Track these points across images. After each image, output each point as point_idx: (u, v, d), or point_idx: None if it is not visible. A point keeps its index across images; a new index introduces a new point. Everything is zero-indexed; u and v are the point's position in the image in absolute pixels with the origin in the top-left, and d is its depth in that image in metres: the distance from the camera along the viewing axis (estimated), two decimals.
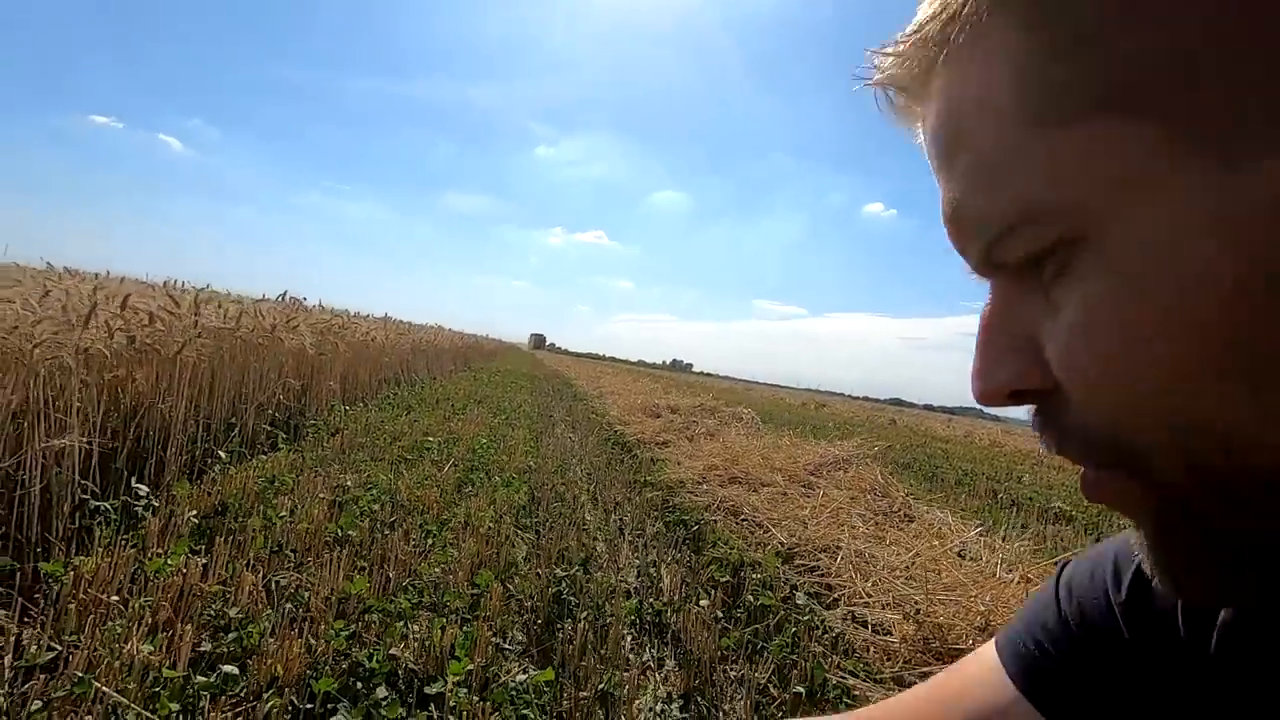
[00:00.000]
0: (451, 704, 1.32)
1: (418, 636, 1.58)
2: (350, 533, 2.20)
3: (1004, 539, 3.01)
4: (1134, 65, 0.20)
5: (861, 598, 2.23)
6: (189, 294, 3.57)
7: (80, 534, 1.97)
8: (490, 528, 2.51)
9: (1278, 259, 0.19)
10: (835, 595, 2.34)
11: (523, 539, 2.57)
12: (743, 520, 3.27)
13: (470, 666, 1.47)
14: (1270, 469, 0.20)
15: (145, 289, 4.04)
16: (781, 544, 2.85)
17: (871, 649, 1.95)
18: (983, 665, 0.38)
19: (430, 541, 2.29)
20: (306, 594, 1.70)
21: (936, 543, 2.76)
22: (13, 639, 1.37)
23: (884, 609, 2.15)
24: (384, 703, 1.29)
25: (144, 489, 2.25)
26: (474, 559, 2.17)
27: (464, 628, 1.65)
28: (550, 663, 1.65)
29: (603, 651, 1.74)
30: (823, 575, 2.50)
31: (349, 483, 2.80)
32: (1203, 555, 0.23)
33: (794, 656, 1.89)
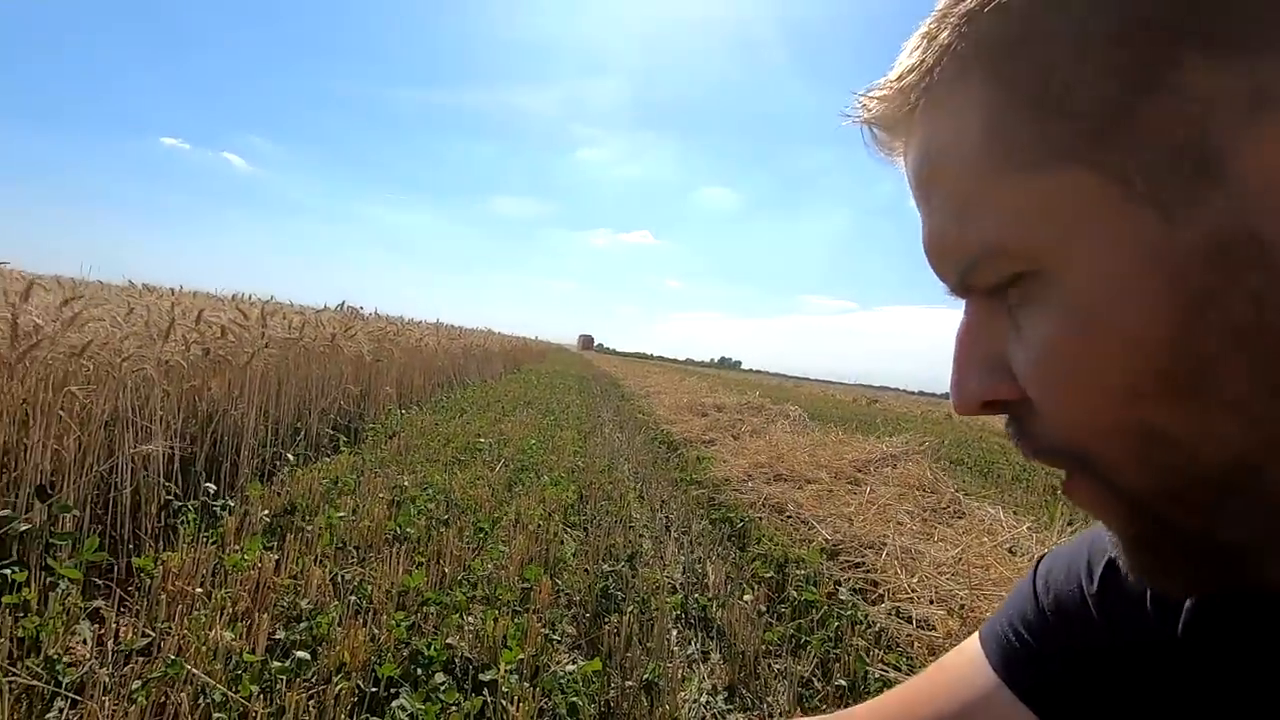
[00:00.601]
0: (505, 690, 1.40)
1: (472, 627, 1.67)
2: (408, 530, 2.32)
3: (1059, 536, 2.94)
4: (1083, 121, 0.23)
5: (906, 593, 2.23)
6: (255, 306, 3.79)
7: (166, 531, 2.14)
8: (540, 525, 2.59)
9: (1211, 292, 0.21)
10: (880, 591, 2.34)
11: (571, 536, 2.65)
12: (787, 517, 3.29)
13: (521, 656, 1.55)
14: (1221, 474, 0.22)
15: (215, 302, 4.29)
16: (826, 540, 2.86)
17: (915, 644, 1.96)
18: (968, 657, 0.40)
19: (483, 538, 2.39)
20: (369, 587, 1.82)
21: (986, 539, 2.72)
22: (113, 626, 1.52)
23: (929, 604, 2.15)
24: (442, 688, 1.38)
25: (213, 488, 2.42)
26: (524, 555, 2.26)
27: (515, 620, 1.73)
28: (598, 653, 1.72)
29: (648, 644, 1.80)
30: (867, 571, 2.50)
31: (406, 483, 2.94)
32: (1170, 553, 0.25)
33: (837, 651, 1.91)
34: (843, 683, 1.74)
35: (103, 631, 1.50)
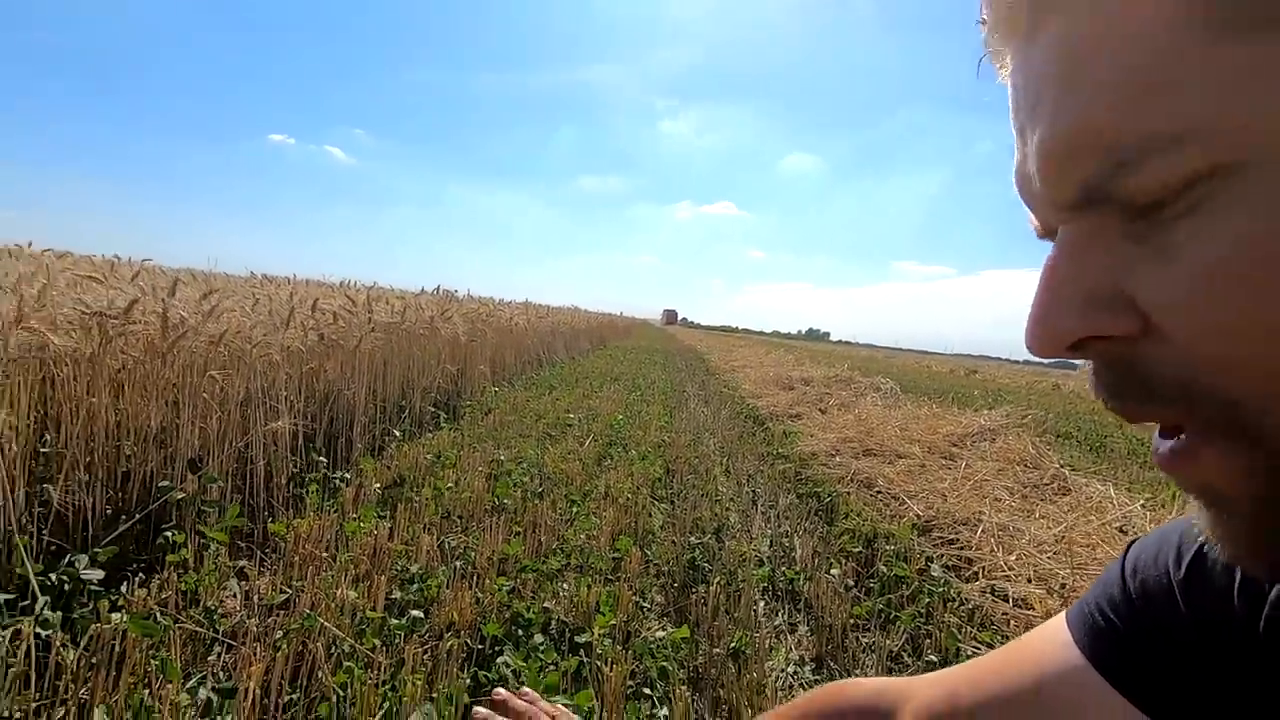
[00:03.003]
0: (599, 652, 1.49)
1: (567, 593, 1.78)
2: (506, 501, 2.46)
3: (1177, 515, 2.75)
4: None
5: (1002, 571, 2.16)
6: (361, 292, 4.05)
7: (294, 500, 2.37)
8: (628, 498, 2.68)
9: None
10: (974, 569, 2.28)
11: (659, 509, 2.73)
12: (877, 493, 3.24)
13: (614, 621, 1.64)
14: None
15: (325, 290, 4.62)
16: (918, 516, 2.80)
17: (1011, 623, 1.91)
18: (1053, 635, 0.41)
19: (574, 510, 2.50)
20: (472, 554, 1.95)
21: (1094, 517, 2.59)
22: (256, 583, 1.71)
23: (1028, 583, 2.08)
24: (541, 647, 1.48)
25: (324, 461, 2.64)
26: (614, 526, 2.35)
27: (607, 587, 1.82)
28: (686, 621, 1.78)
29: (735, 614, 1.85)
30: (961, 548, 2.44)
31: (502, 457, 3.10)
32: None
33: (928, 627, 1.89)
34: (933, 658, 1.73)
35: (248, 588, 1.70)
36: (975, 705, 0.43)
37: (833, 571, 2.23)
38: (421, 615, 1.56)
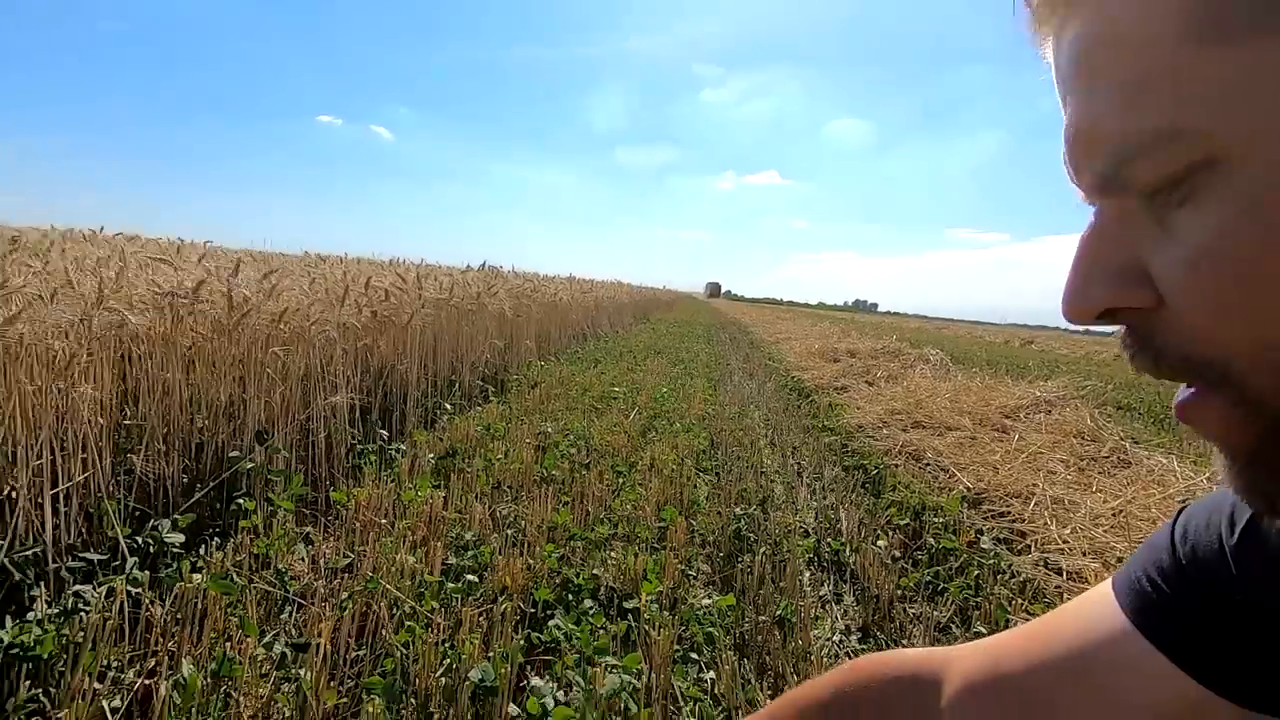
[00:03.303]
0: (646, 618, 1.53)
1: (615, 561, 1.82)
2: (554, 472, 2.52)
3: None
4: None
5: (1056, 545, 2.12)
6: (411, 270, 4.15)
7: (354, 470, 2.47)
8: (674, 470, 2.71)
9: None
10: (1026, 542, 2.24)
11: (704, 480, 2.75)
12: (925, 465, 3.19)
13: (660, 588, 1.68)
14: None
15: (376, 268, 4.74)
16: (968, 489, 2.76)
17: (1064, 595, 1.87)
18: (1099, 601, 0.40)
19: (621, 481, 2.55)
20: (523, 522, 2.01)
21: (1155, 490, 2.51)
22: (321, 548, 1.81)
23: (1083, 557, 2.04)
24: (590, 612, 1.53)
25: (385, 434, 2.74)
26: (660, 497, 2.39)
27: (654, 556, 1.86)
28: (731, 590, 1.81)
29: (781, 584, 1.87)
30: (1013, 521, 2.40)
31: (549, 429, 3.16)
32: None
33: (977, 599, 1.88)
34: (982, 630, 1.72)
35: (314, 552, 1.79)
36: (1018, 673, 0.43)
37: (879, 543, 2.22)
38: (476, 580, 1.62)
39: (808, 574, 2.06)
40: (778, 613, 1.67)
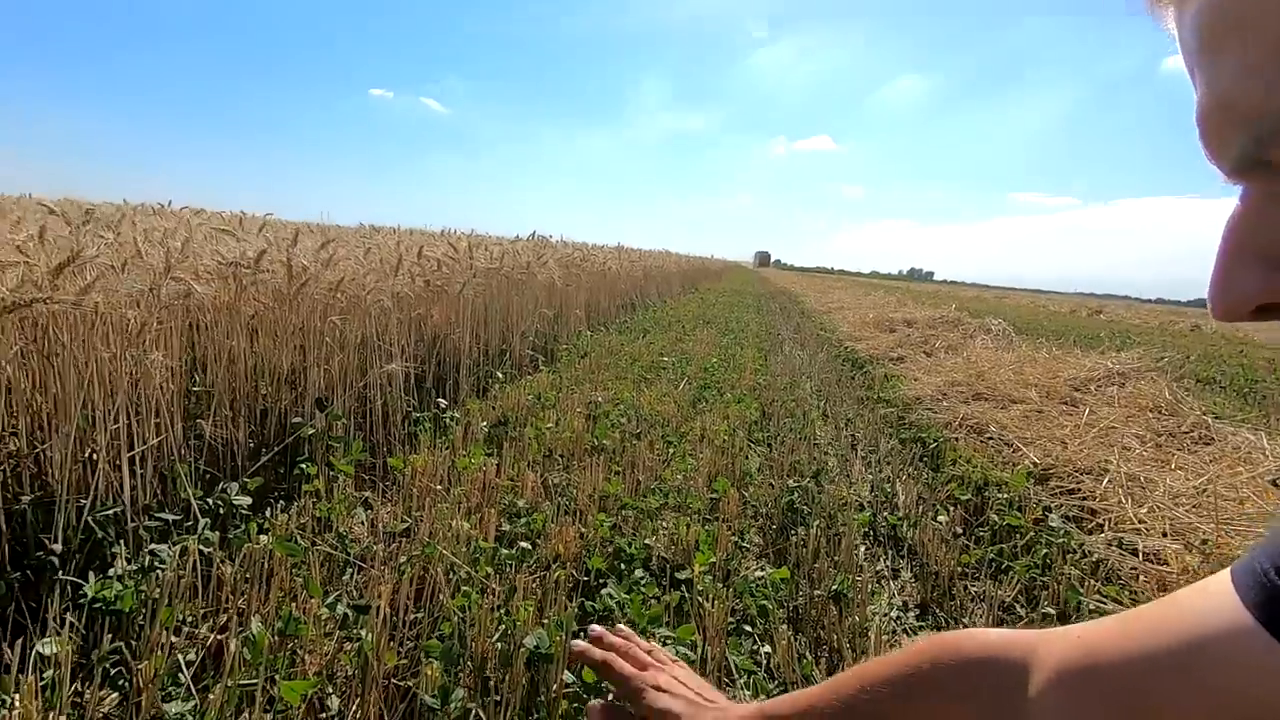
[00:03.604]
0: (699, 588, 1.52)
1: (666, 531, 1.81)
2: (604, 442, 2.52)
3: None
4: None
5: (1131, 524, 2.01)
6: (462, 240, 4.18)
7: (410, 438, 2.53)
8: (725, 440, 2.68)
9: None
10: (1098, 520, 2.14)
11: (756, 451, 2.71)
12: (988, 439, 3.07)
13: (713, 559, 1.66)
14: None
15: (428, 238, 4.79)
16: (1034, 464, 2.64)
17: (1141, 577, 1.78)
18: (1215, 593, 0.37)
19: (671, 451, 2.53)
20: (574, 491, 2.02)
21: (1242, 469, 2.35)
22: (380, 513, 1.85)
23: (1162, 537, 1.93)
24: (642, 581, 1.52)
25: (443, 402, 2.79)
26: (711, 468, 2.36)
27: (706, 527, 1.84)
28: (785, 563, 1.78)
29: (836, 558, 1.83)
30: (1084, 499, 2.29)
31: (599, 399, 3.16)
32: None
33: (1044, 578, 1.80)
34: (1050, 610, 1.65)
35: (373, 516, 1.84)
36: (1117, 664, 0.40)
37: (939, 518, 2.15)
38: (529, 547, 1.64)
39: (863, 548, 2.01)
40: (833, 587, 1.63)
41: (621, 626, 0.83)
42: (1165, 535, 1.92)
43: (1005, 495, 2.33)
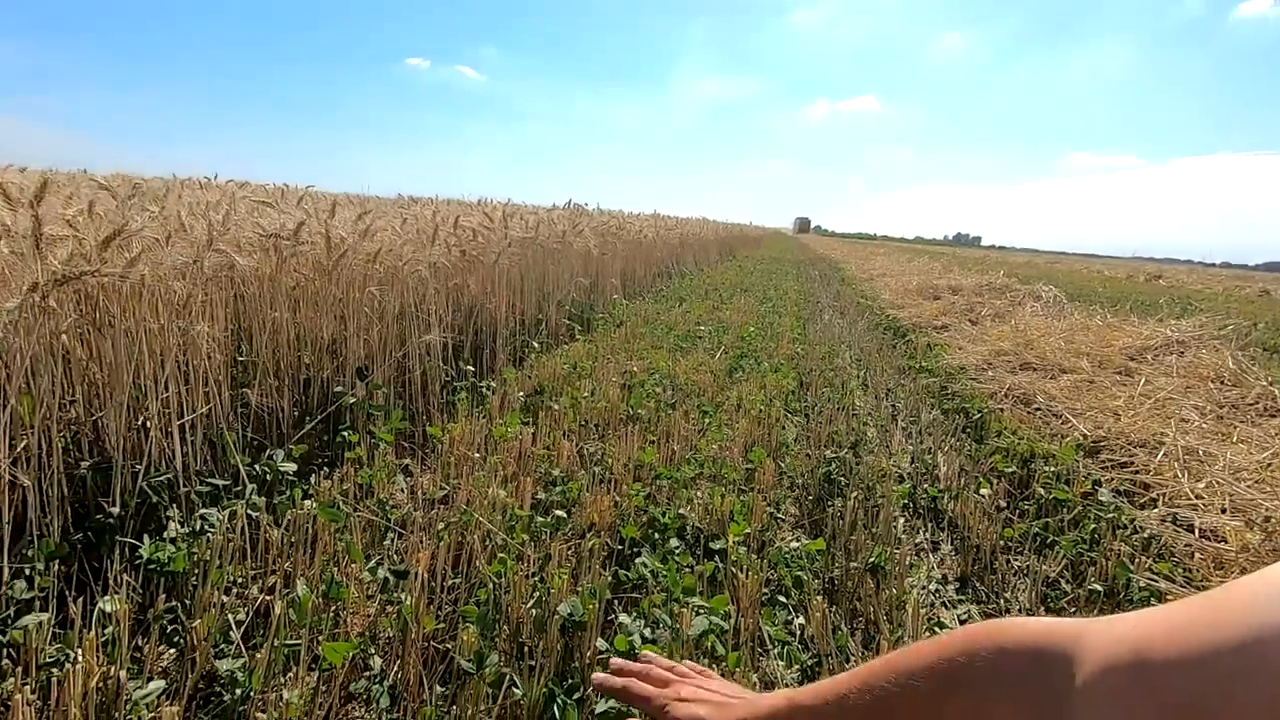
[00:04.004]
0: (733, 559, 1.51)
1: (701, 501, 1.81)
2: (639, 411, 2.51)
3: None
4: None
5: (1188, 499, 1.93)
6: (498, 209, 4.17)
7: (447, 406, 2.56)
8: (761, 410, 2.65)
9: None
10: (1151, 495, 2.06)
11: (792, 422, 2.68)
12: (1035, 410, 2.98)
13: (748, 530, 1.65)
14: None
15: (464, 208, 4.80)
16: (1084, 436, 2.55)
17: (1196, 555, 1.71)
18: (1274, 582, 0.33)
19: (707, 421, 2.51)
20: (609, 460, 2.03)
21: None
22: (419, 480, 1.89)
23: (1220, 514, 1.85)
24: (676, 551, 1.52)
25: (471, 369, 2.81)
26: (747, 438, 2.34)
27: (741, 497, 1.83)
28: (821, 534, 1.76)
29: (873, 530, 1.80)
30: (1136, 472, 2.20)
31: (635, 368, 3.16)
32: None
33: (1092, 554, 1.74)
34: (1097, 587, 1.60)
35: (412, 483, 1.87)
36: (1172, 660, 0.37)
37: (982, 491, 2.10)
38: (564, 515, 1.65)
39: (902, 520, 1.98)
40: (870, 559, 1.61)
41: (644, 652, 0.83)
42: (1224, 511, 1.84)
43: (1052, 468, 2.26)
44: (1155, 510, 1.96)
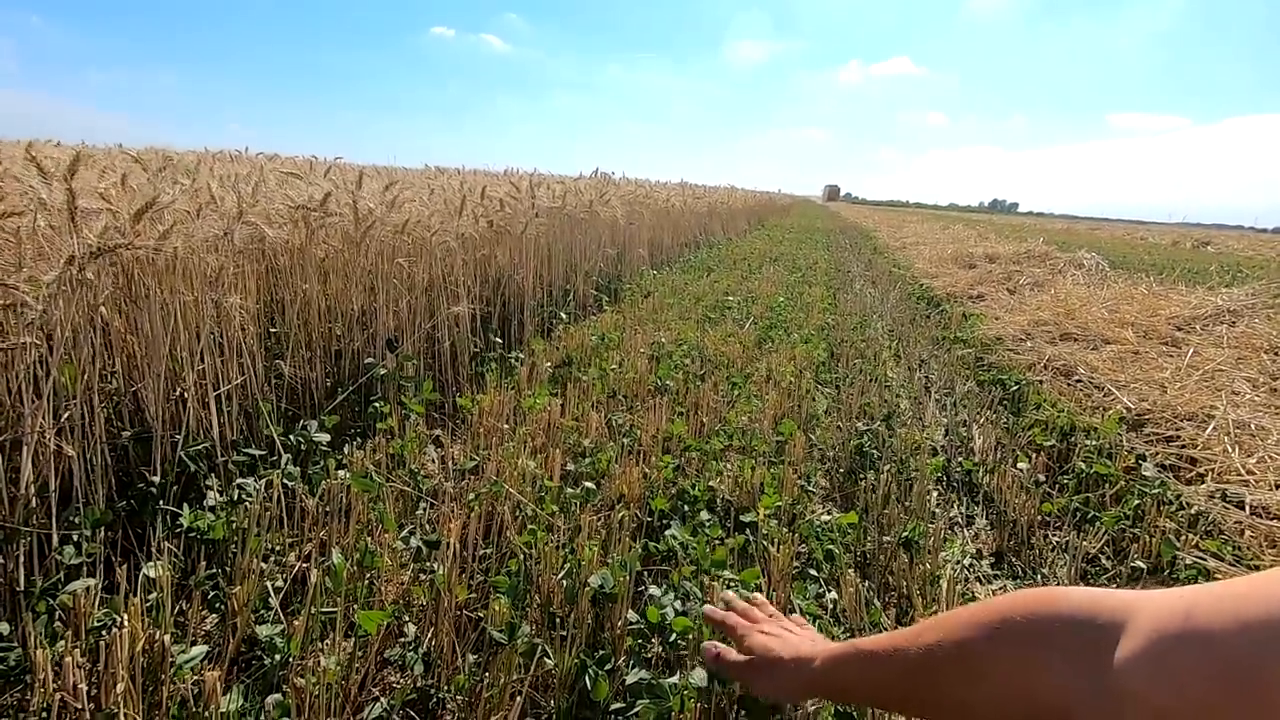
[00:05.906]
0: (764, 531, 1.50)
1: (730, 473, 1.79)
2: (668, 383, 2.50)
3: None
4: None
5: (1238, 475, 1.86)
6: (524, 179, 4.14)
7: (477, 378, 2.57)
8: (791, 382, 2.62)
9: None
10: (1199, 470, 1.99)
11: (823, 393, 2.64)
12: (1076, 381, 2.89)
13: (779, 503, 1.63)
14: None
15: (492, 178, 4.77)
16: (1127, 409, 2.47)
17: (1247, 533, 1.65)
18: None
19: (736, 393, 2.49)
20: (638, 432, 2.02)
21: None
22: (449, 451, 1.90)
23: (1273, 489, 1.78)
24: (706, 523, 1.51)
25: (499, 341, 2.81)
26: (776, 410, 2.31)
27: (771, 470, 1.81)
28: (853, 508, 1.74)
29: (906, 503, 1.77)
30: (1183, 446, 2.13)
31: (663, 339, 3.13)
32: None
33: (1134, 530, 1.70)
34: (1140, 564, 1.56)
35: (443, 454, 1.89)
36: (1224, 632, 0.36)
37: (1019, 465, 2.05)
38: (594, 487, 1.65)
39: (935, 494, 1.94)
40: (903, 533, 1.59)
41: (755, 595, 1.03)
42: (1277, 488, 1.77)
43: (1094, 442, 2.19)
44: (1203, 486, 1.89)
